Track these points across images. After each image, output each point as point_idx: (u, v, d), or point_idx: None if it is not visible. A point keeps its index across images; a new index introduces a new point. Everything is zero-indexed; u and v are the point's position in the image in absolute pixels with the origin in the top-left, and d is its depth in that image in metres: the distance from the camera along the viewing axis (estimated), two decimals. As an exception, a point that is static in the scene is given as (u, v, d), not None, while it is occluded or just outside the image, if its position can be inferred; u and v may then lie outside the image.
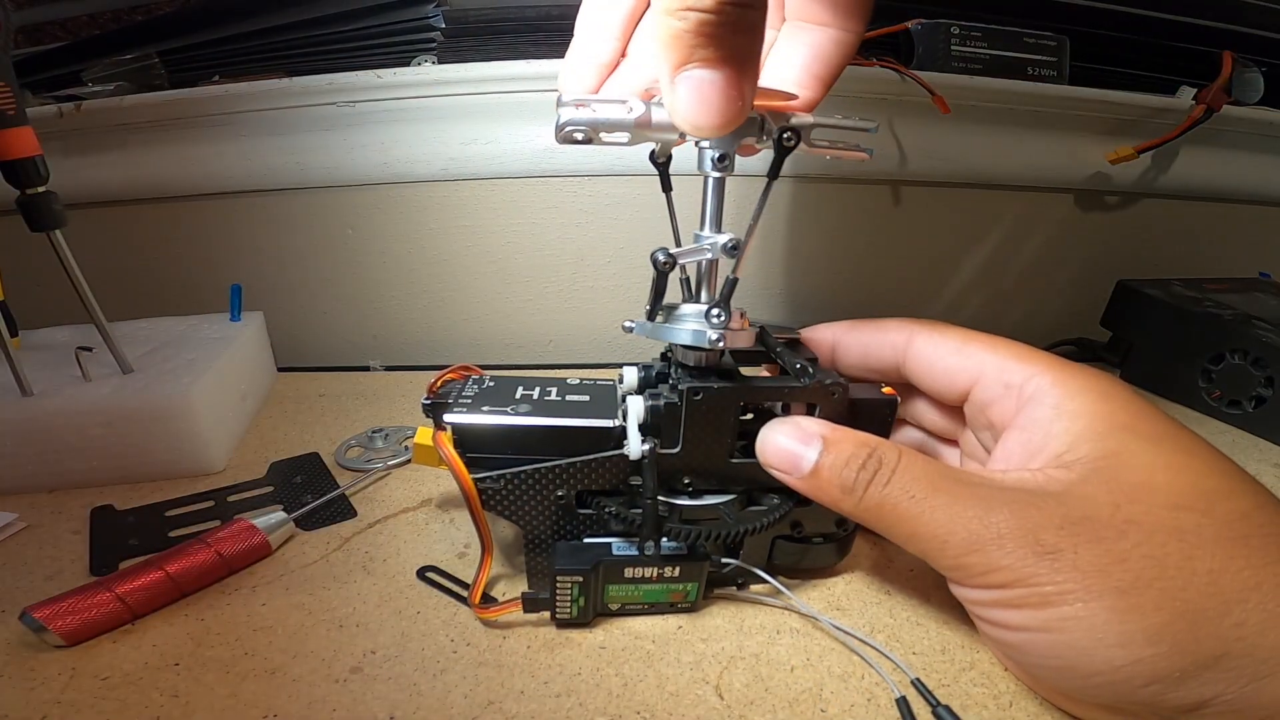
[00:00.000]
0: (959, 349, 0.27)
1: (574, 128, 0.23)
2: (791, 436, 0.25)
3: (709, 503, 0.28)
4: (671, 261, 0.24)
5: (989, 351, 0.27)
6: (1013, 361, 0.26)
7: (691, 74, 0.19)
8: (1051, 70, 0.61)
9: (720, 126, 0.20)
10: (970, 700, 0.25)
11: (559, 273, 0.61)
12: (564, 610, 0.27)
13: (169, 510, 0.36)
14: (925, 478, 0.23)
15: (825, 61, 0.25)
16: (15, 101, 0.34)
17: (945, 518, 0.22)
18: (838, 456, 0.24)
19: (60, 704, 0.24)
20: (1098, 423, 0.23)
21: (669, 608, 0.28)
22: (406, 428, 0.45)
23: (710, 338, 0.24)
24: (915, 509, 0.22)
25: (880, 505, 0.23)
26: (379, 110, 0.55)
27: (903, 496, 0.23)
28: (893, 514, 0.23)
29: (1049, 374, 0.25)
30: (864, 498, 0.23)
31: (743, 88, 0.20)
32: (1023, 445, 0.24)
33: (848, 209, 0.62)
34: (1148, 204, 0.67)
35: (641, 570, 0.27)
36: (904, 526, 0.23)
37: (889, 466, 0.23)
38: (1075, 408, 0.24)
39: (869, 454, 0.24)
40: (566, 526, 0.28)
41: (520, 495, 0.27)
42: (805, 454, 0.24)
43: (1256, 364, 0.47)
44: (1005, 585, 0.21)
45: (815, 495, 0.25)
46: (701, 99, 0.19)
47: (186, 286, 0.60)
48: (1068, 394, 0.24)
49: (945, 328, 0.29)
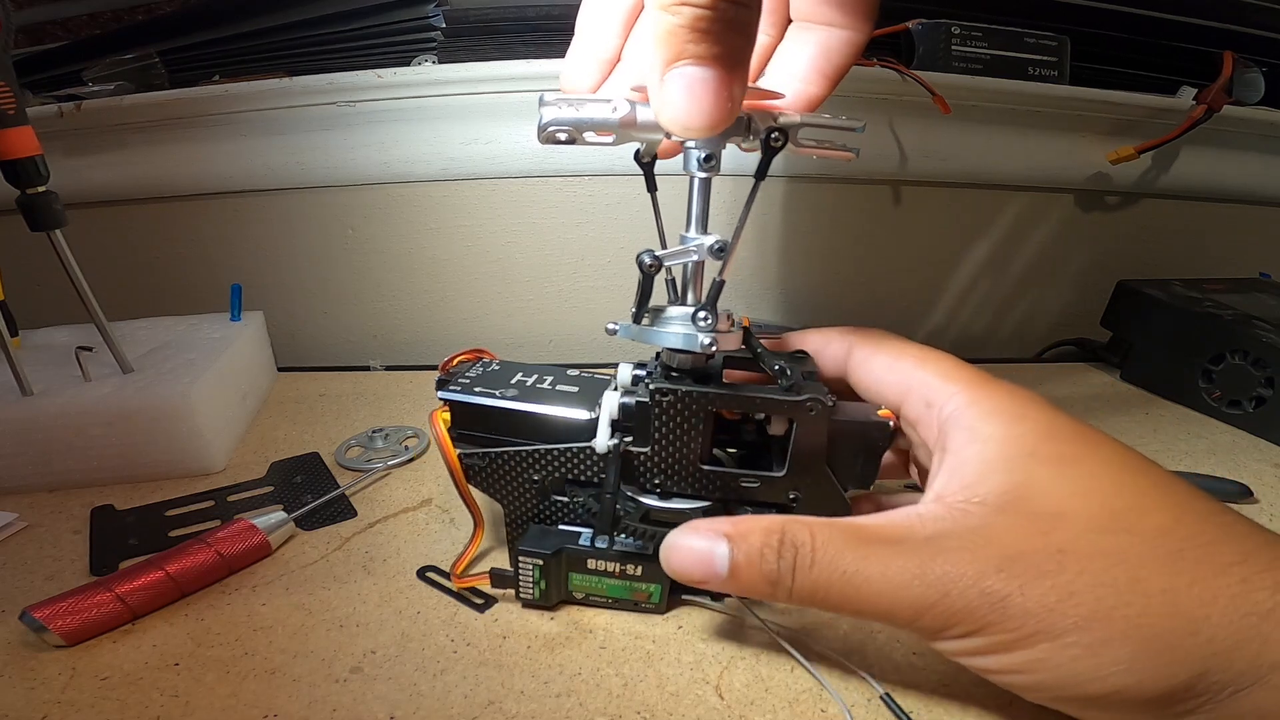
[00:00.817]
0: (891, 364, 0.26)
1: (557, 128, 0.23)
2: (694, 536, 0.23)
3: (679, 507, 0.27)
4: (657, 264, 0.23)
5: (917, 367, 0.26)
6: (935, 379, 0.25)
7: (683, 70, 0.19)
8: (1052, 70, 0.61)
9: (709, 127, 0.19)
10: (970, 700, 0.25)
11: (559, 273, 0.61)
12: (526, 590, 0.28)
13: (169, 510, 0.36)
14: (848, 548, 0.22)
15: (832, 60, 0.25)
16: (15, 101, 0.34)
17: (884, 587, 0.21)
18: (750, 549, 0.22)
19: (60, 704, 0.24)
20: (1007, 447, 0.22)
21: (633, 606, 0.29)
22: (406, 428, 0.45)
23: (703, 342, 0.24)
24: (850, 587, 0.21)
25: (814, 590, 0.22)
26: (379, 110, 0.55)
27: (834, 576, 0.22)
28: (827, 596, 0.22)
29: (965, 394, 0.24)
30: (794, 587, 0.22)
31: (733, 88, 0.19)
32: (947, 471, 0.23)
33: (847, 209, 0.62)
34: (1148, 204, 0.67)
35: (603, 564, 0.27)
36: (846, 605, 0.22)
37: (806, 547, 0.22)
38: (987, 432, 0.23)
39: (779, 539, 0.22)
40: (546, 511, 0.29)
41: (500, 475, 0.29)
42: (715, 554, 0.23)
43: (1256, 364, 0.47)
44: (968, 635, 0.21)
45: (747, 594, 0.23)
46: (691, 97, 0.19)
47: (186, 286, 0.60)
48: (980, 415, 0.23)
49: (882, 339, 0.27)
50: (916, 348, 0.27)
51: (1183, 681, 0.19)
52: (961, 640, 0.21)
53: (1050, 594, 0.20)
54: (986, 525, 0.21)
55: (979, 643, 0.21)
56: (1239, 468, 0.42)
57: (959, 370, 0.25)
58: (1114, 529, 0.20)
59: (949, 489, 0.23)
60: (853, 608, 0.22)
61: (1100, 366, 0.59)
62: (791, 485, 0.26)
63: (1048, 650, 0.20)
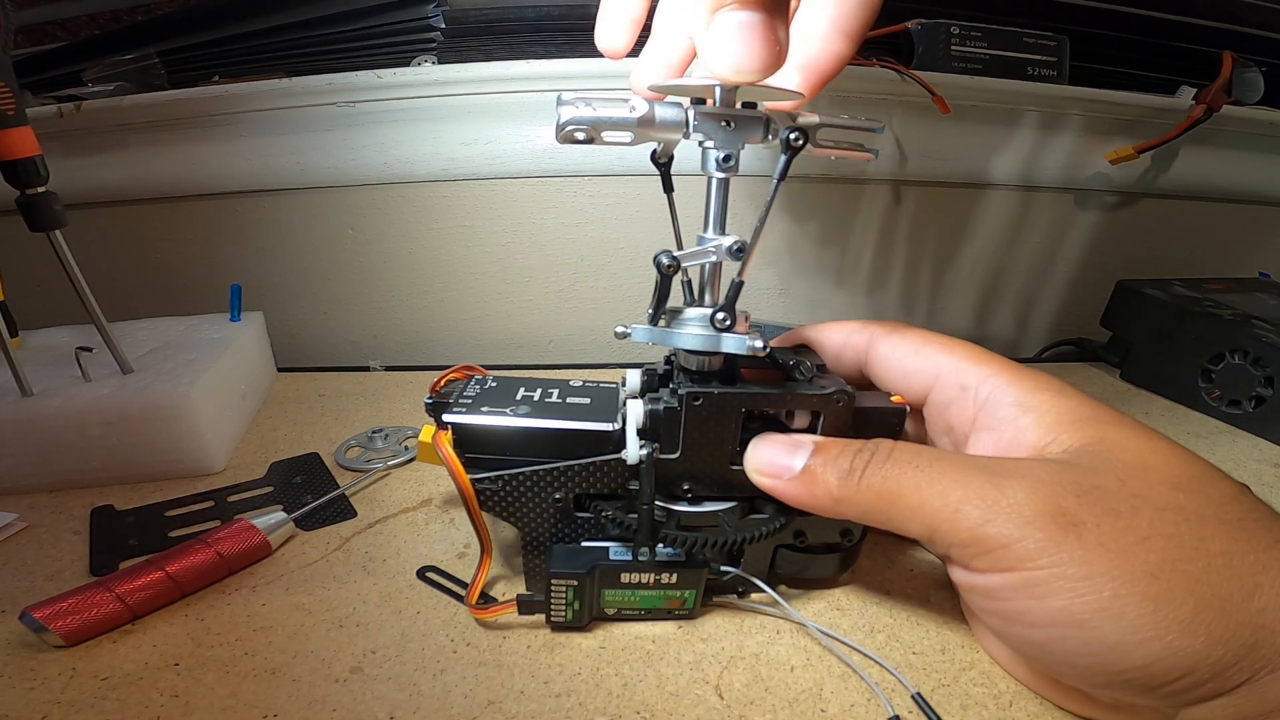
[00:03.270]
0: (917, 351, 0.27)
1: (575, 126, 0.22)
2: (781, 443, 0.24)
3: (708, 509, 0.27)
4: (675, 264, 0.23)
5: (946, 354, 0.26)
6: (968, 364, 0.26)
7: (731, 14, 0.19)
8: (1051, 70, 0.61)
9: (760, 70, 0.19)
10: (970, 700, 0.25)
11: (559, 273, 0.61)
12: (559, 613, 0.27)
13: (169, 510, 0.36)
14: (926, 452, 0.22)
15: (854, 17, 0.25)
16: (15, 101, 0.33)
17: (955, 485, 0.21)
18: (828, 454, 0.23)
19: (60, 704, 0.24)
20: (1066, 415, 0.23)
21: (666, 614, 0.28)
22: (406, 428, 0.45)
23: (754, 345, 0.24)
24: (922, 479, 0.21)
25: (883, 481, 0.22)
26: (379, 110, 0.55)
27: (907, 468, 0.22)
28: (896, 488, 0.22)
29: (1004, 375, 0.25)
30: (864, 477, 0.22)
31: (778, 30, 0.19)
32: (994, 444, 0.24)
33: (848, 209, 0.62)
34: (1148, 204, 0.67)
35: (638, 576, 0.27)
36: (909, 498, 0.21)
37: (885, 449, 0.23)
38: (1038, 403, 0.23)
39: (861, 445, 0.23)
40: (564, 529, 0.28)
41: (518, 497, 0.27)
42: (794, 457, 0.24)
43: (1256, 364, 0.47)
44: (1023, 565, 0.20)
45: (808, 495, 0.24)
46: (741, 40, 0.19)
47: (186, 286, 0.60)
48: (1026, 390, 0.24)
49: (905, 329, 0.28)
50: (939, 335, 0.27)
51: (1233, 650, 0.18)
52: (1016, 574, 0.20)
53: (1125, 534, 0.19)
54: (1066, 463, 0.21)
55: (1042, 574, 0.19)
56: (1239, 468, 0.42)
57: (988, 356, 0.26)
58: (1188, 488, 0.20)
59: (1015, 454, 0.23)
60: (914, 500, 0.21)
61: (1100, 366, 0.59)
62: None
63: (1112, 600, 0.19)
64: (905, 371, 0.27)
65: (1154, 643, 0.18)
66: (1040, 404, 0.23)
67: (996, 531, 0.20)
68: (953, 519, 0.21)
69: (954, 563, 0.23)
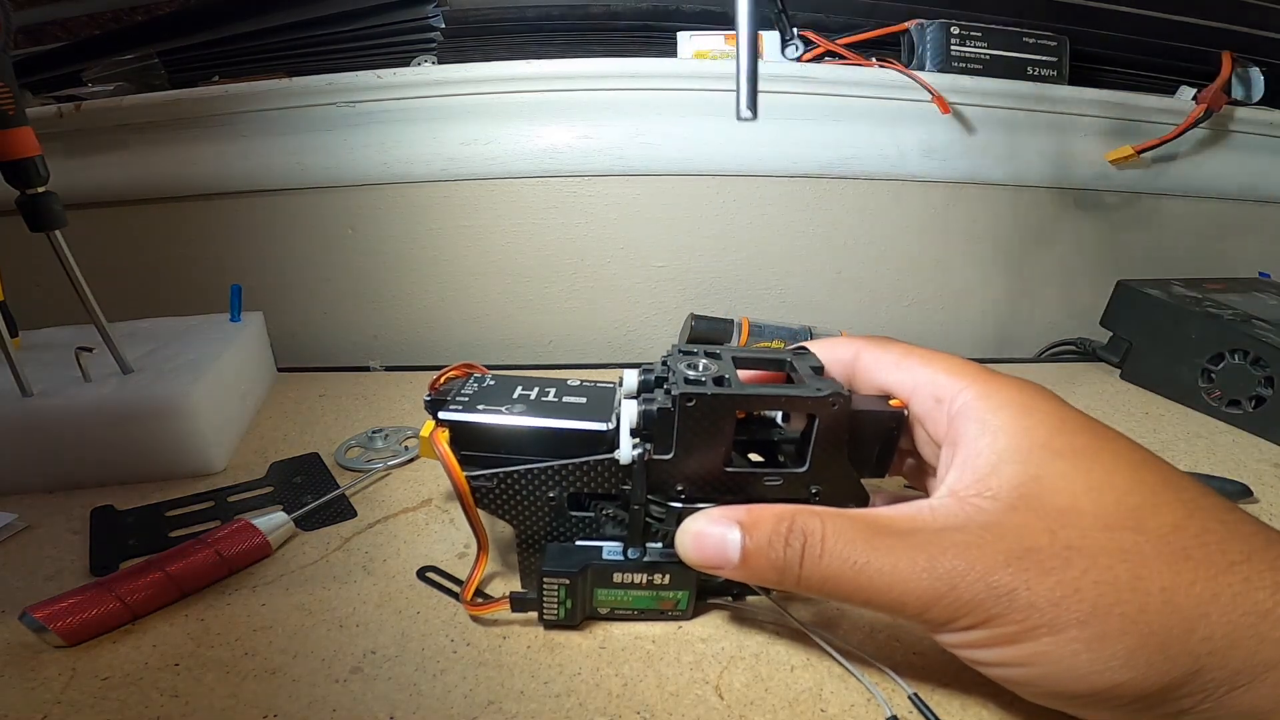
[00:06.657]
0: (898, 363, 0.27)
1: None
2: (708, 523, 0.24)
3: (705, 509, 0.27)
4: None
5: (923, 365, 0.26)
6: (942, 375, 0.26)
7: None
8: (1051, 70, 0.61)
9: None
10: (970, 701, 0.25)
11: (559, 273, 0.61)
12: (551, 612, 0.27)
13: (169, 510, 0.36)
14: (859, 538, 0.22)
15: None
16: (15, 101, 0.33)
17: (893, 579, 0.21)
18: (759, 537, 0.23)
19: (60, 704, 0.24)
20: (1019, 439, 0.23)
21: (659, 615, 0.28)
22: (406, 428, 0.45)
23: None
24: (861, 577, 0.22)
25: (823, 579, 0.22)
26: (379, 110, 0.55)
27: (844, 565, 0.22)
28: (837, 585, 0.22)
29: (974, 387, 0.24)
30: (802, 575, 0.23)
31: None
32: (959, 464, 0.24)
33: (847, 209, 0.62)
34: (1147, 204, 0.67)
35: (630, 576, 0.27)
36: (855, 596, 0.22)
37: (815, 536, 0.23)
38: (998, 423, 0.23)
39: (788, 527, 0.23)
40: (560, 528, 0.28)
41: (513, 495, 0.27)
42: (728, 540, 0.24)
43: (1256, 364, 0.47)
44: (972, 627, 0.21)
45: (758, 581, 0.24)
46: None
47: (186, 286, 0.60)
48: (990, 409, 0.24)
49: (888, 343, 0.28)
50: (922, 349, 0.27)
51: (1177, 678, 0.19)
52: (966, 633, 0.21)
53: (1055, 589, 0.20)
54: (997, 522, 0.21)
55: (983, 635, 0.21)
56: (1239, 468, 0.42)
57: (966, 366, 0.26)
58: (1123, 526, 0.21)
59: (961, 482, 0.23)
60: (862, 598, 0.22)
61: (1100, 366, 0.59)
62: (813, 480, 0.26)
63: (1049, 644, 0.20)
64: (887, 384, 0.28)
65: (1094, 678, 0.20)
66: (999, 425, 0.23)
67: (939, 613, 0.21)
68: (900, 608, 0.22)
69: None
